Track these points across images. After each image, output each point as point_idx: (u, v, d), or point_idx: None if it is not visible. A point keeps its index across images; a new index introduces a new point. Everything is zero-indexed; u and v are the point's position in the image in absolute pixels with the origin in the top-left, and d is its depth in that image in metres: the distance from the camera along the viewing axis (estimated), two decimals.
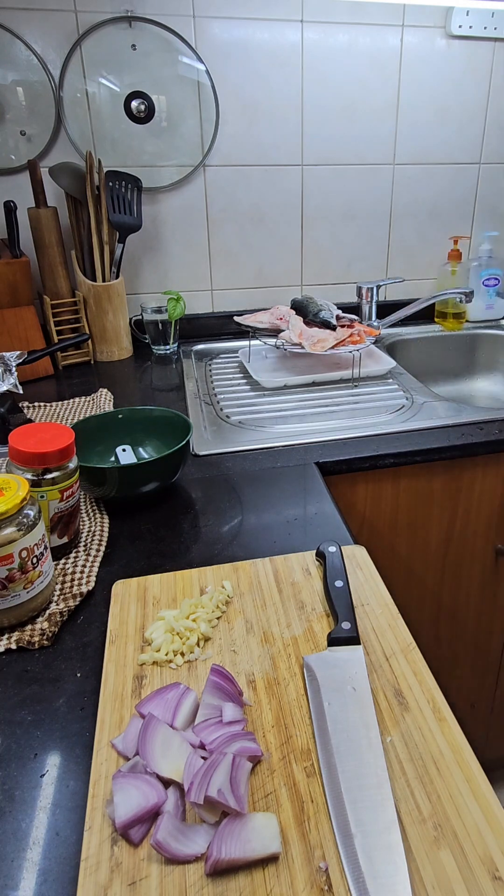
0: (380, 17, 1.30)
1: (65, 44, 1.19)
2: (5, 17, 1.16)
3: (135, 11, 1.20)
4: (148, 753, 0.44)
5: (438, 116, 1.42)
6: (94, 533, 0.73)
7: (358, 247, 1.52)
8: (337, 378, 1.20)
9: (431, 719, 0.48)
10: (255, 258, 1.47)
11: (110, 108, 1.26)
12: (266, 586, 0.63)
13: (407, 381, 1.21)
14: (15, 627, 0.59)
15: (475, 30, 1.34)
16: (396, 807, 0.41)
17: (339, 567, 0.62)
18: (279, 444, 0.95)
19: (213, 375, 1.28)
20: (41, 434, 0.67)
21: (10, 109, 1.22)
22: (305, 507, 0.79)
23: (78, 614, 0.62)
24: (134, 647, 0.55)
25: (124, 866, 0.38)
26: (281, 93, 1.32)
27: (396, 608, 0.59)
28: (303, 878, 0.37)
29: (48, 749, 0.48)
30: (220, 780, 0.41)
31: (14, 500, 0.56)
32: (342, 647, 0.54)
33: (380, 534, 1.01)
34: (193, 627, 0.56)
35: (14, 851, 0.41)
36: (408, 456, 0.94)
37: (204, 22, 1.24)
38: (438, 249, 1.56)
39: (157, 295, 1.42)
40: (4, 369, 0.94)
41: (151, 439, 0.89)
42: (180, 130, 1.31)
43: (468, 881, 0.37)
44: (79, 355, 1.33)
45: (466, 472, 1.00)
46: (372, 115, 1.39)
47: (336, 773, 0.43)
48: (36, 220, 1.22)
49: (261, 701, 0.50)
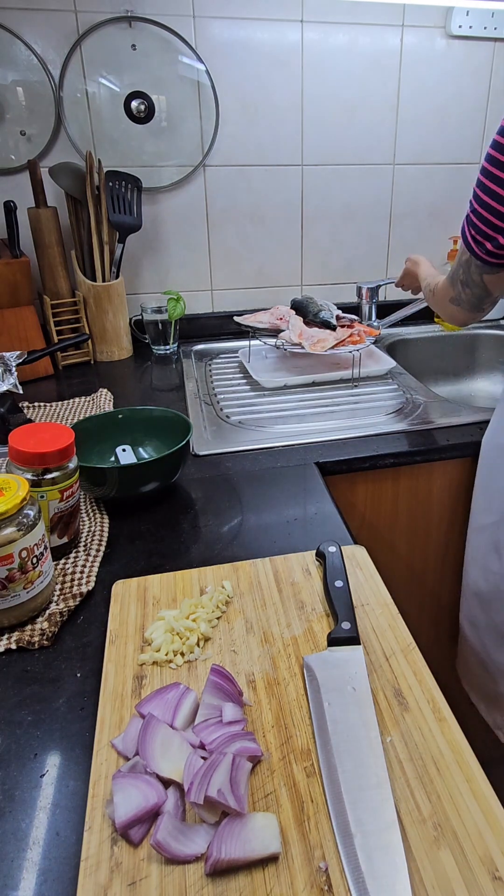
0: (380, 17, 1.30)
1: (65, 44, 1.19)
2: (5, 17, 1.16)
3: (135, 11, 1.20)
4: (148, 753, 0.44)
5: (438, 116, 1.42)
6: (94, 533, 0.73)
7: (358, 247, 1.52)
8: (337, 378, 1.20)
9: (431, 719, 0.48)
10: (255, 258, 1.47)
11: (110, 108, 1.26)
12: (266, 586, 0.63)
13: (407, 381, 1.21)
14: (15, 627, 0.59)
15: (475, 30, 1.34)
16: (396, 807, 0.41)
17: (339, 567, 0.62)
18: (279, 444, 0.95)
19: (213, 375, 1.28)
20: (41, 434, 0.67)
21: (10, 109, 1.22)
22: (305, 507, 0.79)
23: (78, 614, 0.62)
24: (134, 647, 0.55)
25: (124, 866, 0.38)
26: (281, 93, 1.32)
27: (396, 608, 0.59)
28: (303, 878, 0.37)
29: (48, 749, 0.48)
30: (220, 780, 0.41)
31: (14, 500, 0.56)
32: (342, 647, 0.54)
33: (380, 534, 1.01)
34: (193, 627, 0.56)
35: (14, 851, 0.41)
36: (408, 456, 0.95)
37: (204, 22, 1.24)
38: (438, 249, 1.56)
39: (157, 295, 1.42)
40: (4, 369, 0.94)
41: (151, 439, 0.89)
42: (180, 130, 1.31)
43: (468, 881, 0.37)
44: (79, 355, 1.33)
45: (466, 472, 1.00)
46: (372, 115, 1.39)
47: (336, 773, 0.43)
48: (36, 220, 1.22)
49: (261, 701, 0.50)
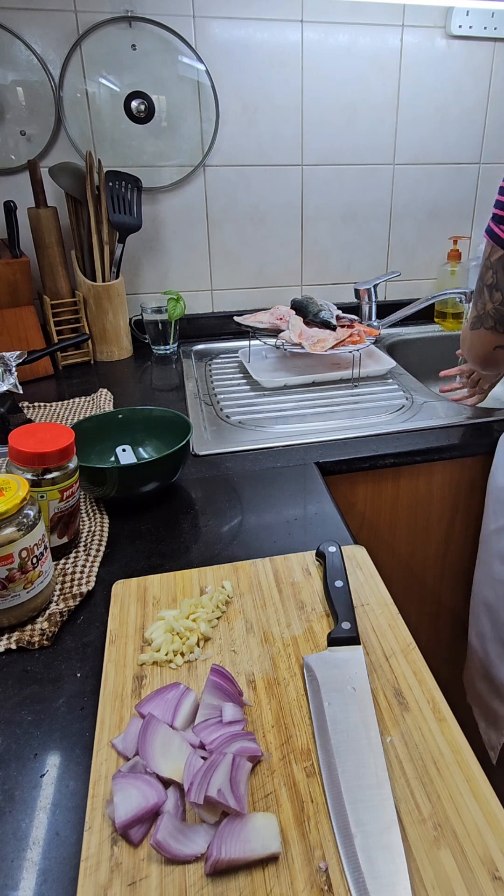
0: (380, 17, 1.30)
1: (65, 44, 1.19)
2: (5, 17, 1.16)
3: (135, 11, 1.20)
4: (148, 753, 0.43)
5: (438, 116, 1.42)
6: (94, 533, 0.73)
7: (358, 247, 1.52)
8: (337, 378, 1.20)
9: (431, 719, 0.48)
10: (255, 258, 1.46)
11: (110, 108, 1.26)
12: (266, 586, 0.63)
13: (407, 381, 1.21)
14: (15, 627, 0.59)
15: (475, 30, 1.34)
16: (396, 807, 0.41)
17: (339, 567, 0.62)
18: (279, 444, 0.95)
19: (213, 375, 1.28)
20: (41, 434, 0.67)
21: (10, 109, 1.22)
22: (305, 507, 0.79)
23: (78, 614, 0.62)
24: (134, 647, 0.55)
25: (124, 866, 0.38)
26: (281, 93, 1.32)
27: (396, 608, 0.59)
28: (303, 878, 0.37)
29: (48, 749, 0.48)
30: (220, 780, 0.41)
31: (14, 500, 0.56)
32: (342, 647, 0.54)
33: (380, 534, 1.01)
34: (193, 627, 0.56)
35: (14, 851, 0.41)
36: (408, 456, 0.94)
37: (204, 22, 1.24)
38: (438, 249, 1.56)
39: (157, 295, 1.42)
40: (4, 369, 0.94)
41: (151, 439, 0.89)
42: (180, 130, 1.31)
43: (468, 881, 0.37)
44: (79, 355, 1.33)
45: (466, 472, 1.00)
46: (372, 116, 1.39)
47: (336, 773, 0.43)
48: (36, 220, 1.22)
49: (261, 701, 0.50)
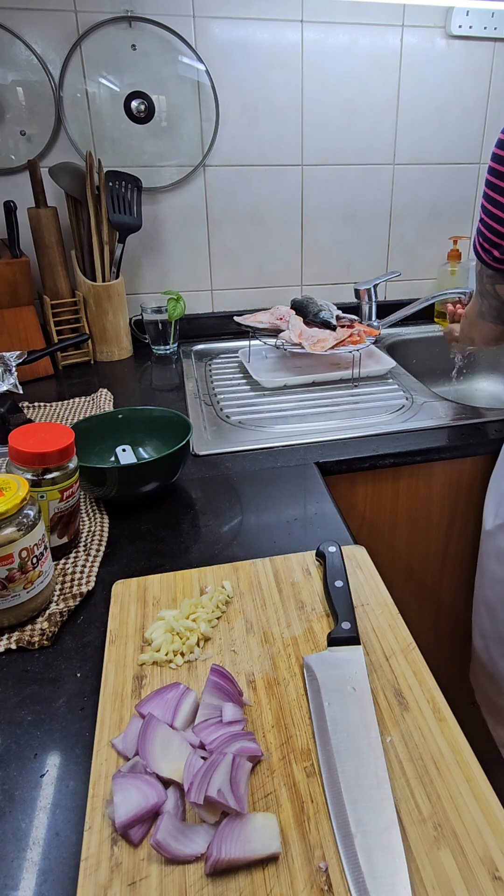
0: (380, 17, 1.30)
1: (65, 44, 1.19)
2: (5, 17, 1.16)
3: (135, 11, 1.20)
4: (148, 753, 0.43)
5: (438, 116, 1.42)
6: (94, 533, 0.73)
7: (358, 247, 1.52)
8: (337, 378, 1.20)
9: (431, 719, 0.48)
10: (255, 258, 1.46)
11: (110, 108, 1.26)
12: (266, 586, 0.63)
13: (407, 381, 1.21)
14: (15, 627, 0.59)
15: (475, 30, 1.34)
16: (396, 807, 0.41)
17: (339, 567, 0.62)
18: (279, 444, 0.95)
19: (213, 375, 1.28)
20: (41, 434, 0.67)
21: (10, 109, 1.22)
22: (305, 507, 0.79)
23: (78, 614, 0.62)
24: (134, 647, 0.55)
25: (124, 866, 0.38)
26: (281, 93, 1.32)
27: (396, 608, 0.59)
28: (303, 878, 0.37)
29: (48, 749, 0.48)
30: (220, 780, 0.41)
31: (14, 500, 0.56)
32: (342, 647, 0.54)
33: (380, 534, 1.01)
34: (193, 627, 0.56)
35: (14, 851, 0.41)
36: (408, 456, 0.94)
37: (204, 22, 1.24)
38: (438, 249, 1.56)
39: (157, 295, 1.42)
40: (4, 369, 0.94)
41: (151, 439, 0.89)
42: (180, 130, 1.31)
43: (468, 881, 0.37)
44: (79, 355, 1.33)
45: (466, 472, 1.00)
46: (372, 116, 1.39)
47: (336, 773, 0.43)
48: (36, 220, 1.22)
49: (261, 701, 0.50)
